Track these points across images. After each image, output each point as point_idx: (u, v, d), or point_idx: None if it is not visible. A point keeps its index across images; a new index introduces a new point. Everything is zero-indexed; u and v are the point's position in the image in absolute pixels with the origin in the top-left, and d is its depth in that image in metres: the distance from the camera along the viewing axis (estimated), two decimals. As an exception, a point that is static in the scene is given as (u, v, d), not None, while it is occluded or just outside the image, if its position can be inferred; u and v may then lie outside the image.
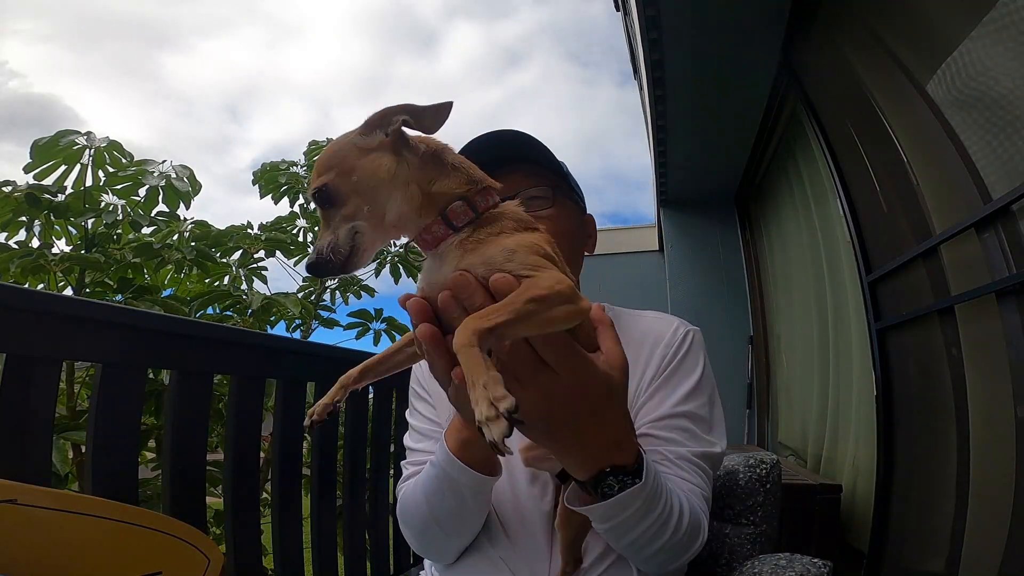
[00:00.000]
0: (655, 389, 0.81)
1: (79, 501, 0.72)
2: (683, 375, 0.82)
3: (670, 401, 0.80)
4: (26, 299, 0.80)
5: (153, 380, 1.80)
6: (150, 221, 2.40)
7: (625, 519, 0.60)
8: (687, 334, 0.86)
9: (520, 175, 0.83)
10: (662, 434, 0.78)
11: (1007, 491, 1.30)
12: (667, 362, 0.83)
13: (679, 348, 0.84)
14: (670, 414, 0.79)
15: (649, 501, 0.60)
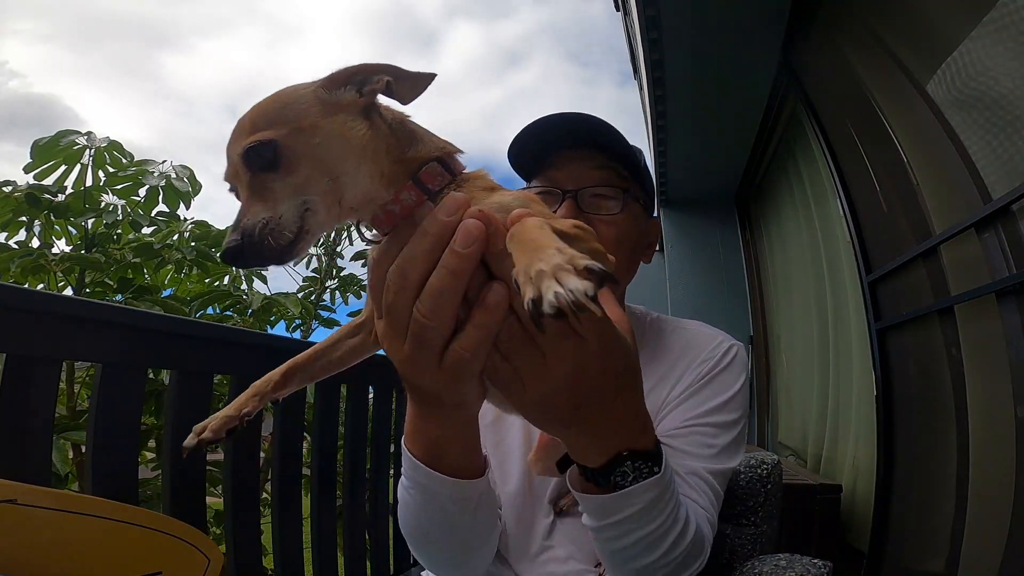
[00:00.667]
0: (684, 398, 0.76)
1: (79, 501, 0.72)
2: (717, 389, 0.77)
3: (696, 411, 0.75)
4: (26, 299, 0.80)
5: (153, 380, 1.80)
6: (150, 221, 2.40)
7: (631, 516, 0.52)
8: (729, 349, 0.81)
9: (588, 166, 0.75)
10: (678, 444, 0.72)
11: (1007, 491, 1.30)
12: (702, 374, 0.78)
13: (718, 362, 0.79)
14: (692, 424, 0.74)
15: (660, 498, 0.53)
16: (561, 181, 0.75)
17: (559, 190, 0.74)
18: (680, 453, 0.72)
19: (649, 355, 0.80)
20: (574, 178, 0.74)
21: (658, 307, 0.94)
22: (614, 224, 0.75)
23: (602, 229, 0.72)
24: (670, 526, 0.55)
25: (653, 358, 0.81)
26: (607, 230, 0.74)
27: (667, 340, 0.83)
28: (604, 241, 0.60)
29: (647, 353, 0.80)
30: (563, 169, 0.75)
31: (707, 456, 0.72)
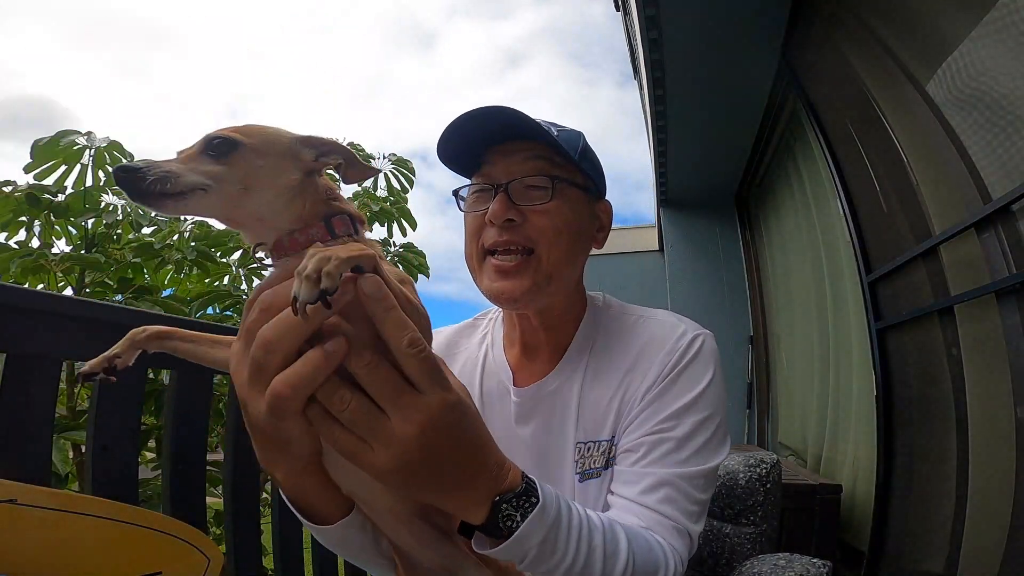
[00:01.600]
0: (648, 401, 0.71)
1: (79, 501, 0.72)
2: (683, 386, 0.71)
3: (662, 415, 0.70)
4: (26, 299, 0.80)
5: (153, 380, 1.80)
6: (150, 221, 2.41)
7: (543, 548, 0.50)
8: (694, 339, 0.74)
9: (519, 158, 0.74)
10: (644, 453, 0.69)
11: (1007, 491, 1.30)
12: (666, 372, 0.72)
13: (682, 356, 0.73)
14: (658, 431, 0.69)
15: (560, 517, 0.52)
16: (495, 176, 0.74)
17: (491, 185, 0.74)
18: (647, 463, 0.68)
19: (610, 349, 0.77)
20: (507, 171, 0.73)
21: (657, 305, 0.86)
22: (547, 213, 0.73)
23: (537, 221, 0.72)
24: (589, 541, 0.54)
25: (615, 352, 0.77)
26: (541, 220, 0.72)
27: (630, 332, 0.78)
28: (541, 233, 0.72)
29: (607, 347, 0.77)
30: (497, 164, 0.74)
31: (678, 461, 0.68)
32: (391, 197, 3.35)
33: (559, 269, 0.74)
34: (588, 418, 0.74)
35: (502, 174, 0.74)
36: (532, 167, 0.73)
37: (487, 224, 0.73)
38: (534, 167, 0.73)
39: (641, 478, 0.67)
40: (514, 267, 0.72)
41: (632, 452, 0.70)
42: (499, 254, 0.72)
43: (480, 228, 0.74)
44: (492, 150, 0.75)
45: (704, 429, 0.70)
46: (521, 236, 0.72)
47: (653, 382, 0.72)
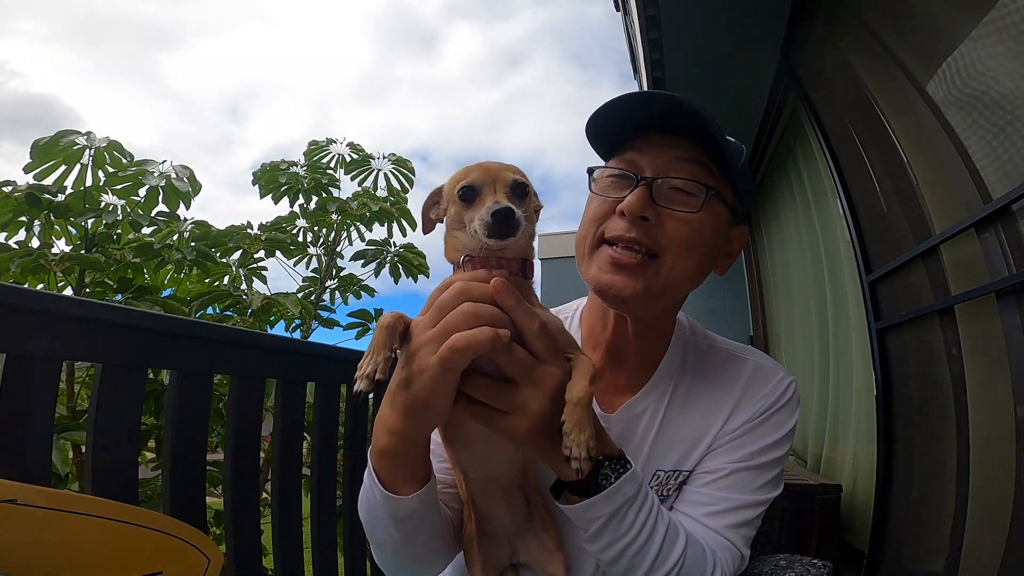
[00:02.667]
0: (735, 436, 0.74)
1: (79, 501, 0.72)
2: (771, 428, 0.74)
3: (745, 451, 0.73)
4: (26, 299, 0.80)
5: (153, 380, 1.80)
6: (150, 221, 2.41)
7: (621, 510, 0.60)
8: (789, 386, 0.77)
9: (674, 155, 0.68)
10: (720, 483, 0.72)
11: (1007, 491, 1.30)
12: (759, 412, 0.74)
13: (778, 400, 0.75)
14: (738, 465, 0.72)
15: (639, 491, 0.61)
16: (641, 166, 0.69)
17: (634, 175, 0.68)
18: (723, 488, 0.71)
19: (702, 381, 0.77)
20: (656, 165, 0.68)
21: None
22: (687, 223, 0.67)
23: (672, 227, 0.67)
24: (656, 520, 0.62)
25: (708, 386, 0.77)
26: (678, 229, 0.67)
27: (720, 368, 0.79)
28: (672, 241, 0.67)
29: (698, 378, 0.78)
30: (647, 154, 0.69)
31: (751, 489, 0.71)
32: (391, 197, 3.35)
33: (678, 284, 0.70)
34: (671, 446, 0.74)
35: (649, 166, 0.68)
36: (687, 170, 0.68)
37: (616, 214, 0.68)
38: (690, 171, 0.68)
39: (715, 502, 0.71)
40: (632, 265, 0.67)
41: (711, 476, 0.73)
42: (619, 247, 0.68)
43: (605, 215, 0.69)
44: (646, 137, 0.70)
45: (777, 464, 0.74)
46: (650, 238, 0.67)
47: (749, 418, 0.74)
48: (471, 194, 0.58)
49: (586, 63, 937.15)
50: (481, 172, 0.59)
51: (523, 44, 74.54)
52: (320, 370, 1.43)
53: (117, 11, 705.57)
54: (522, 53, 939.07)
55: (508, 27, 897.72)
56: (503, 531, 0.69)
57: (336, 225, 3.19)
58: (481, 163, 0.60)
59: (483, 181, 0.58)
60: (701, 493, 0.72)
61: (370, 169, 3.42)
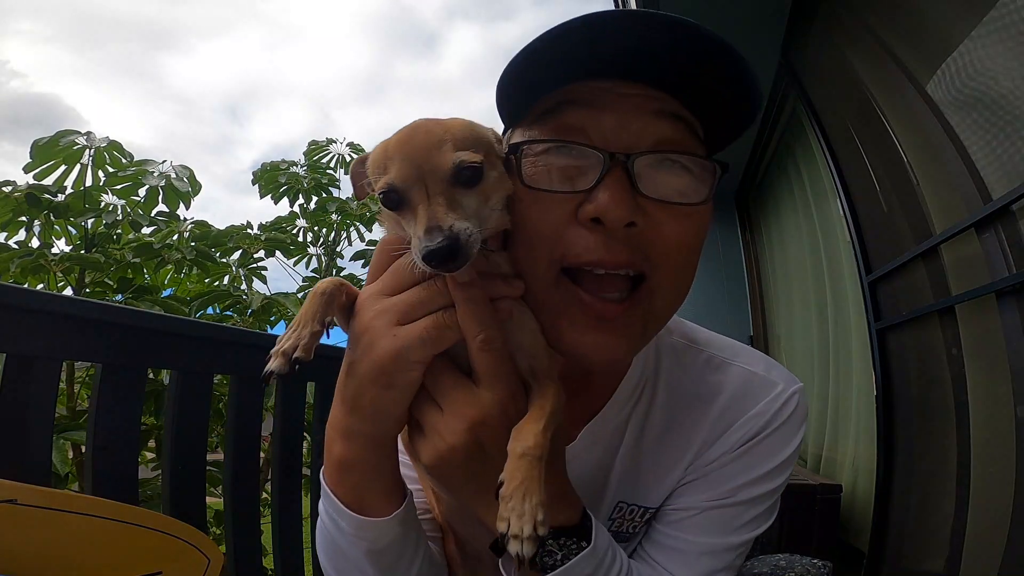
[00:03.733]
0: (720, 465, 0.59)
1: (79, 501, 0.72)
2: (764, 454, 0.58)
3: (732, 484, 0.58)
4: (26, 299, 0.80)
5: (153, 380, 1.80)
6: (150, 221, 2.41)
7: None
8: (789, 400, 0.60)
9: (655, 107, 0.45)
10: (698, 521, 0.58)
11: (1007, 491, 1.30)
12: (750, 435, 0.59)
13: (772, 419, 0.59)
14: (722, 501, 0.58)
15: (599, 568, 0.48)
16: (602, 133, 0.44)
17: (600, 150, 0.43)
18: (692, 535, 0.58)
19: (675, 397, 0.61)
20: (628, 130, 0.44)
21: None
22: (689, 221, 0.46)
23: (669, 231, 0.45)
24: None
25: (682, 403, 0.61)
26: (677, 232, 0.46)
27: (699, 378, 0.62)
28: (669, 251, 0.46)
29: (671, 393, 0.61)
30: (608, 110, 0.44)
31: (728, 531, 0.57)
32: (391, 197, 3.35)
33: (673, 308, 0.51)
34: (636, 476, 0.60)
35: (614, 133, 0.44)
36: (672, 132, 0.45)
37: (580, 222, 0.44)
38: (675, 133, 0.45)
39: (686, 547, 0.58)
40: (621, 311, 0.46)
41: (683, 514, 0.59)
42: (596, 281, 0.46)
43: (562, 221, 0.45)
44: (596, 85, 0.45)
45: (769, 497, 0.59)
46: (638, 253, 0.45)
47: (731, 447, 0.58)
48: (396, 201, 0.42)
49: None
50: (405, 165, 0.41)
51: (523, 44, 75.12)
52: (320, 370, 1.43)
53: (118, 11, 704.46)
54: None
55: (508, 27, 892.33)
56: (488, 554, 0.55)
57: (336, 225, 3.19)
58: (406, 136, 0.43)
59: (408, 180, 0.41)
60: (670, 536, 0.59)
61: (370, 169, 3.42)
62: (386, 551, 0.50)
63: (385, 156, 0.43)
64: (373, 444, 0.47)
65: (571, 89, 0.45)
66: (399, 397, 0.44)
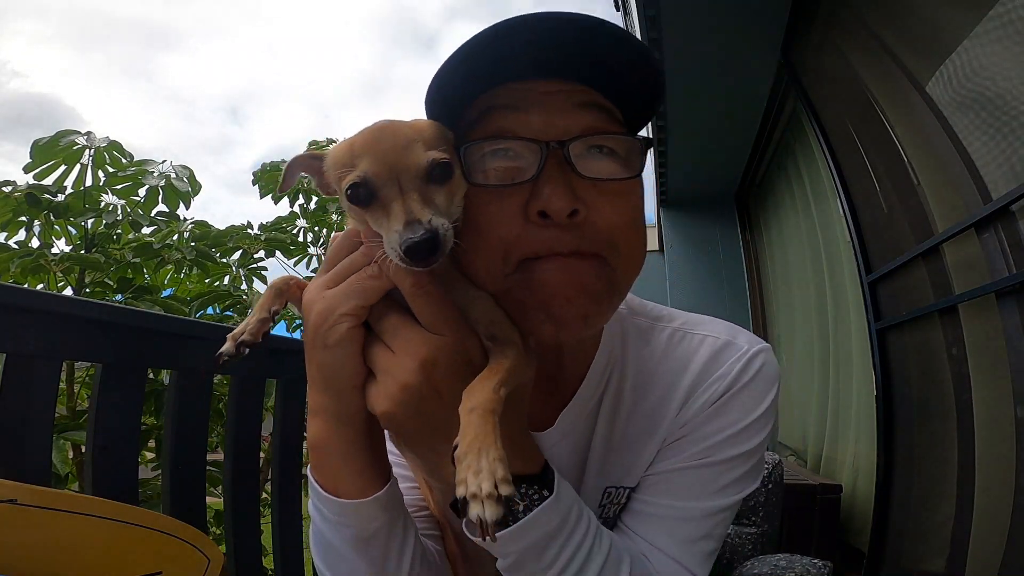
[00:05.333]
0: (690, 428, 0.59)
1: (79, 501, 0.72)
2: (734, 415, 0.58)
3: (703, 445, 0.58)
4: (26, 299, 0.80)
5: (153, 380, 1.80)
6: (150, 221, 2.41)
7: (538, 545, 0.46)
8: (752, 359, 0.60)
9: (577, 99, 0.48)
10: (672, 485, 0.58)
11: (1007, 491, 1.30)
12: (715, 397, 0.59)
13: (736, 379, 0.59)
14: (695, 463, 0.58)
15: (565, 521, 0.48)
16: (535, 132, 0.46)
17: (537, 141, 0.46)
18: (668, 499, 0.58)
19: (642, 375, 0.62)
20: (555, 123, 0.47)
21: None
22: (625, 196, 0.49)
23: (607, 209, 0.48)
24: (586, 560, 0.49)
25: (649, 380, 0.61)
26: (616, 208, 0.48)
27: (667, 351, 0.63)
28: (614, 227, 0.48)
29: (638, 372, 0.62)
30: (534, 112, 0.47)
31: (705, 495, 0.57)
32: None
33: (632, 278, 0.53)
34: (615, 458, 0.61)
35: (542, 125, 0.47)
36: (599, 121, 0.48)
37: (530, 218, 0.46)
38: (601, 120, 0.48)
39: (662, 512, 0.58)
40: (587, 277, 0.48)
41: (658, 479, 0.59)
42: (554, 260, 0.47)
43: (510, 220, 0.47)
44: (519, 87, 0.48)
45: (746, 459, 0.58)
46: (588, 239, 0.47)
47: (701, 408, 0.59)
48: (366, 196, 0.43)
49: None
50: (376, 162, 0.42)
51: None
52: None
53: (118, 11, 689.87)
54: None
55: None
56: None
57: (336, 225, 3.19)
58: (376, 133, 0.44)
59: (381, 177, 0.42)
60: (646, 503, 0.58)
61: (370, 169, 3.42)
62: (372, 540, 0.50)
63: (352, 154, 0.44)
64: (337, 419, 0.48)
65: (492, 95, 0.48)
66: (340, 354, 0.46)
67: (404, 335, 0.45)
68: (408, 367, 0.44)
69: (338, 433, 0.48)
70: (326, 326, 0.45)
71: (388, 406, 0.45)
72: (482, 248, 0.47)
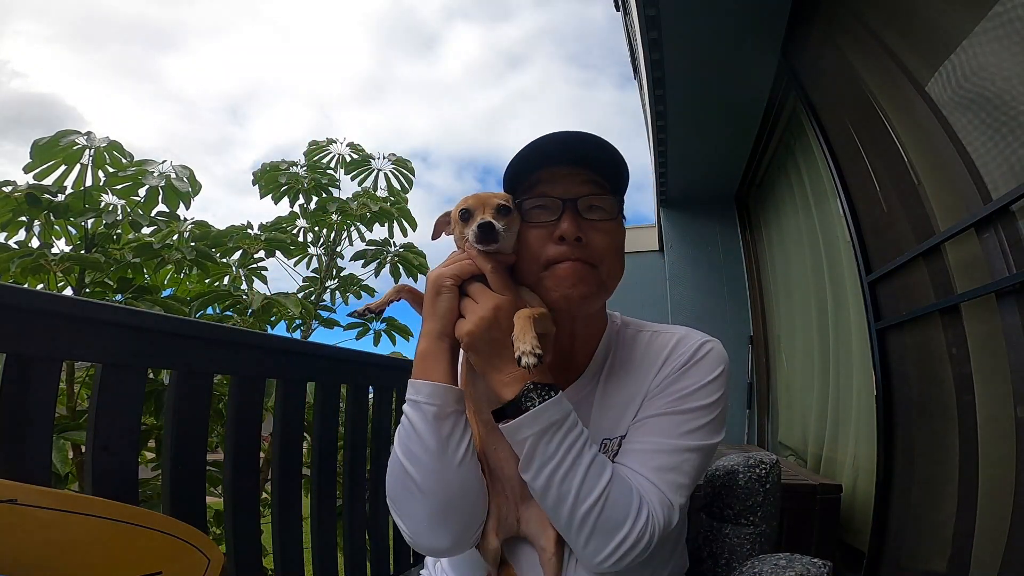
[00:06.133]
0: (659, 389, 0.81)
1: (79, 501, 0.72)
2: (691, 379, 0.81)
3: (668, 399, 0.79)
4: (26, 299, 0.80)
5: (153, 380, 1.80)
6: (150, 221, 2.41)
7: (547, 432, 0.69)
8: (703, 345, 0.84)
9: (578, 179, 0.81)
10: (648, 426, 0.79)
11: (1007, 491, 1.30)
12: (678, 366, 0.82)
13: (693, 355, 0.83)
14: (664, 411, 0.79)
15: (566, 418, 0.71)
16: (557, 193, 0.80)
17: (560, 199, 0.80)
18: (649, 434, 0.78)
19: (626, 360, 0.87)
20: (570, 190, 0.80)
21: (658, 307, 0.92)
22: (609, 233, 0.81)
23: (599, 239, 0.80)
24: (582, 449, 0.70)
25: (632, 361, 0.86)
26: (602, 240, 0.80)
27: (646, 345, 0.88)
28: (604, 251, 0.80)
29: (624, 359, 0.87)
30: (559, 182, 0.81)
31: (678, 434, 0.77)
32: (391, 197, 3.36)
33: (614, 280, 0.84)
34: (607, 417, 0.83)
35: (564, 192, 0.80)
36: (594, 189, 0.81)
37: (554, 240, 0.79)
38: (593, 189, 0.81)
39: (639, 446, 0.78)
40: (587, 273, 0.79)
41: (637, 424, 0.80)
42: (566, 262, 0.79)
43: (543, 241, 0.80)
44: (551, 170, 0.81)
45: (706, 412, 0.79)
46: (586, 254, 0.79)
47: (667, 375, 0.82)
48: (467, 215, 0.78)
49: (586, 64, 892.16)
50: (476, 200, 0.78)
51: (523, 45, 73.91)
52: (320, 370, 1.43)
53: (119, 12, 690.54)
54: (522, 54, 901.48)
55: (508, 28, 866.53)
56: (512, 491, 0.79)
57: (336, 225, 3.20)
58: (477, 194, 0.80)
59: (475, 206, 0.78)
60: (628, 442, 0.80)
61: (370, 169, 3.42)
62: (446, 420, 0.72)
63: (465, 200, 0.80)
64: (439, 336, 0.75)
65: (538, 174, 0.81)
66: (445, 299, 0.75)
67: (484, 293, 0.74)
68: (485, 308, 0.72)
69: (436, 344, 0.75)
70: (440, 281, 0.75)
71: (470, 328, 0.72)
72: (527, 257, 0.80)
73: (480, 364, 0.75)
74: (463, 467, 0.72)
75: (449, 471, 0.72)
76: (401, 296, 0.85)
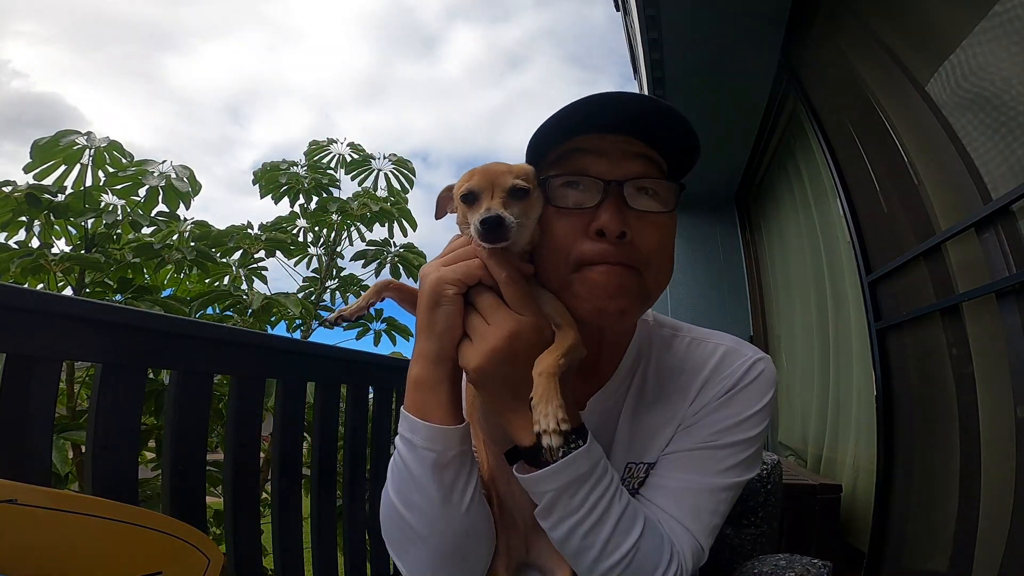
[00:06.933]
0: (699, 417, 0.70)
1: (79, 501, 0.72)
2: (737, 408, 0.70)
3: (711, 431, 0.69)
4: (26, 299, 0.80)
5: (153, 380, 1.80)
6: (150, 221, 2.41)
7: (571, 487, 0.57)
8: (754, 364, 0.72)
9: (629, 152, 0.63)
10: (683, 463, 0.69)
11: (1007, 491, 1.30)
12: (721, 392, 0.70)
13: (740, 379, 0.71)
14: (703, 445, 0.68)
15: (594, 469, 0.59)
16: (602, 172, 0.61)
17: (601, 180, 0.60)
18: (679, 473, 0.68)
19: (662, 371, 0.75)
20: (617, 166, 0.61)
21: (658, 307, 0.83)
22: (661, 228, 0.63)
23: (648, 235, 0.62)
24: (611, 502, 0.59)
25: (668, 374, 0.74)
26: (654, 236, 0.62)
27: (684, 355, 0.75)
28: (653, 251, 0.63)
29: (659, 369, 0.75)
30: (602, 157, 0.61)
31: (716, 471, 0.67)
32: (391, 197, 3.36)
33: (661, 289, 0.66)
34: (637, 438, 0.72)
35: (607, 168, 0.61)
36: (648, 168, 0.62)
37: (590, 235, 0.61)
38: (649, 168, 0.63)
39: (673, 484, 0.68)
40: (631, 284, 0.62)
41: (671, 457, 0.70)
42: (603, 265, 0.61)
43: (575, 235, 0.61)
44: (593, 138, 0.63)
45: (749, 445, 0.69)
46: (630, 255, 0.61)
47: (710, 399, 0.71)
48: (471, 198, 0.61)
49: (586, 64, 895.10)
50: (482, 177, 0.61)
51: (523, 45, 73.93)
52: (320, 370, 1.43)
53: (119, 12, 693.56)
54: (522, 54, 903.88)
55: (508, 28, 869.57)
56: (522, 520, 0.69)
57: (336, 225, 3.19)
58: (487, 166, 0.62)
59: (482, 186, 0.60)
60: (660, 476, 0.70)
61: (370, 169, 3.42)
62: (447, 468, 0.60)
63: (470, 175, 0.62)
64: (436, 360, 0.60)
65: (576, 140, 0.63)
66: (445, 310, 0.59)
67: (497, 312, 0.58)
68: (499, 335, 0.57)
69: (434, 370, 0.60)
70: (439, 289, 0.58)
71: (480, 362, 0.57)
72: (552, 252, 0.62)
73: (491, 402, 0.62)
74: (470, 513, 0.61)
75: (454, 520, 0.61)
76: (384, 295, 0.69)
